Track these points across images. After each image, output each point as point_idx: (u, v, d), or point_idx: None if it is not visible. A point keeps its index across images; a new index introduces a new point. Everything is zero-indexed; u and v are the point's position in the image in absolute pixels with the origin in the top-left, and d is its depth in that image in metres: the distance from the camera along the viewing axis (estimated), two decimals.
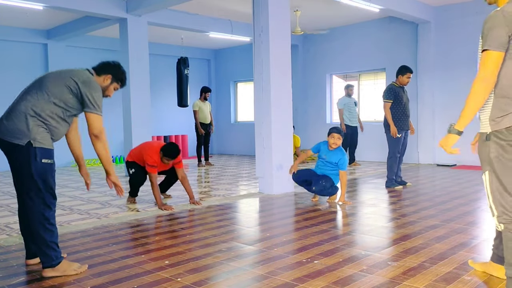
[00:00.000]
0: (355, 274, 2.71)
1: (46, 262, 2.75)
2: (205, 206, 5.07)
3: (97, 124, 2.86)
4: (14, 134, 2.68)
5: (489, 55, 2.17)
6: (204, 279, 2.69)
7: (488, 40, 2.16)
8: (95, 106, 2.83)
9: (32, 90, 2.81)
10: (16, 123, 2.70)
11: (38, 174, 2.69)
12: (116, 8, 7.61)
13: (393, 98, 5.97)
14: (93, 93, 2.82)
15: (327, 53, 10.65)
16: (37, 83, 2.85)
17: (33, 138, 2.67)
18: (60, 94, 2.77)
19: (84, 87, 2.80)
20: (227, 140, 12.92)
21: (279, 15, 5.83)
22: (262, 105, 5.86)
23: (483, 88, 2.17)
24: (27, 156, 2.67)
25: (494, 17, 2.15)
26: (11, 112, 2.77)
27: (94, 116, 2.84)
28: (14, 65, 9.60)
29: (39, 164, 2.68)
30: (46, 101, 2.75)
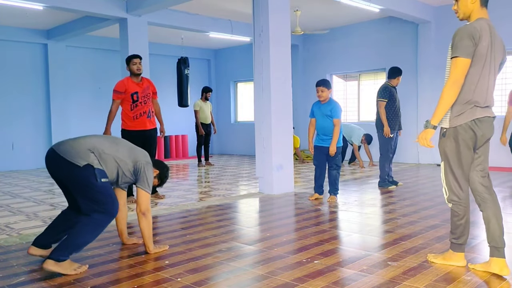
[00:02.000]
0: (355, 274, 2.71)
1: (57, 254, 2.79)
2: (205, 206, 5.08)
3: (146, 202, 3.16)
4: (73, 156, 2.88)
5: (459, 61, 2.53)
6: (204, 279, 2.69)
7: (458, 49, 2.53)
8: (148, 184, 3.14)
9: (101, 138, 3.13)
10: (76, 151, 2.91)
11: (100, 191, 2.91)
12: (116, 8, 7.61)
13: (388, 97, 5.98)
14: (149, 173, 3.16)
15: (327, 53, 10.65)
16: (110, 138, 3.20)
17: (92, 162, 2.90)
18: (124, 162, 3.06)
19: (146, 166, 3.14)
20: (227, 140, 12.92)
21: (279, 15, 5.83)
22: (262, 105, 5.86)
23: (454, 89, 2.54)
24: (88, 175, 2.86)
25: (463, 30, 2.54)
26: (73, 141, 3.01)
27: (145, 194, 3.14)
28: (14, 65, 9.60)
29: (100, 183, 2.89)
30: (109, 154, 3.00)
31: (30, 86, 9.86)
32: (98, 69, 10.78)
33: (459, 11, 2.70)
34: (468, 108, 2.57)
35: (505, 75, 8.19)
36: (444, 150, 2.68)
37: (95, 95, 10.71)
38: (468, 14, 2.66)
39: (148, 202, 3.17)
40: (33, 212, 4.92)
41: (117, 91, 5.19)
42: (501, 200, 5.04)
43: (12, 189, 6.74)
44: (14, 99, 9.60)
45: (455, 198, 2.72)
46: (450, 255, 2.82)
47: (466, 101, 2.58)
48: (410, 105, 9.16)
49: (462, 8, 2.66)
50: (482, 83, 2.58)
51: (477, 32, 2.51)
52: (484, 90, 2.59)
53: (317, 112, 5.18)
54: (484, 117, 2.60)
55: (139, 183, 3.12)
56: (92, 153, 2.92)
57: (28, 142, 9.69)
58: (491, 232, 2.66)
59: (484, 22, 2.57)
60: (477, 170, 2.71)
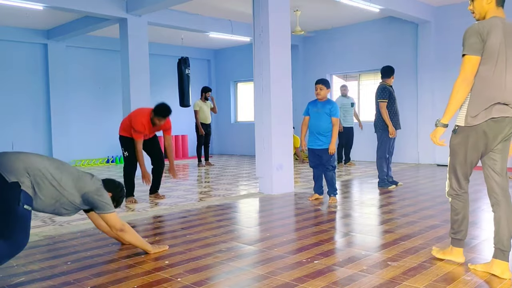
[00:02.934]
0: (355, 274, 2.71)
1: None
2: (205, 206, 5.08)
3: (116, 221, 3.07)
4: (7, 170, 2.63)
5: (467, 59, 2.56)
6: (204, 279, 2.69)
7: (466, 47, 2.56)
8: (107, 206, 3.01)
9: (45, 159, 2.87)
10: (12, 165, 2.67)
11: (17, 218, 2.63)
12: (116, 8, 7.61)
13: (387, 97, 5.98)
14: (105, 198, 3.01)
15: (327, 53, 10.65)
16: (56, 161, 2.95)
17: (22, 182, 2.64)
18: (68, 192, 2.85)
19: (96, 195, 2.96)
20: (227, 140, 12.92)
21: (279, 15, 5.83)
22: (262, 105, 5.86)
23: (464, 87, 2.57)
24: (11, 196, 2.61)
25: (471, 28, 2.56)
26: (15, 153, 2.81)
27: (110, 215, 3.03)
28: (14, 65, 9.60)
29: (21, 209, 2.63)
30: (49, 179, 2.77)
31: (30, 86, 9.86)
32: (98, 69, 10.78)
33: (475, 11, 2.70)
34: (484, 108, 2.55)
35: None
36: (453, 146, 2.73)
37: (95, 95, 10.71)
38: (484, 14, 2.66)
39: (118, 219, 3.07)
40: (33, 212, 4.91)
41: (139, 131, 5.01)
42: None
43: None
44: (14, 99, 9.60)
45: (453, 192, 2.82)
46: (450, 250, 2.89)
47: (483, 99, 2.55)
48: (410, 105, 9.16)
49: (478, 8, 2.67)
50: (498, 80, 2.55)
51: (485, 29, 2.51)
52: (500, 87, 2.54)
53: (313, 110, 5.15)
54: (499, 117, 2.55)
55: (99, 210, 2.98)
56: (27, 174, 2.66)
57: (28, 142, 9.68)
58: (500, 235, 2.62)
59: (497, 19, 2.57)
60: (493, 168, 2.68)
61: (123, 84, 8.09)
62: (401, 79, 8.76)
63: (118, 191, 3.25)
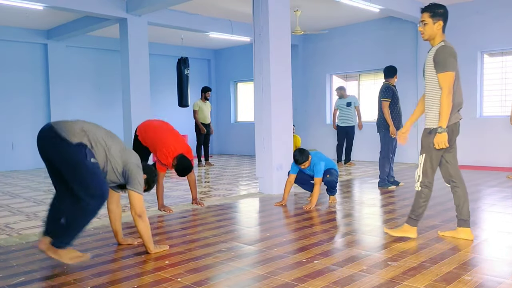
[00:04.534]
0: (355, 274, 2.71)
1: (57, 242, 2.87)
2: (205, 206, 5.07)
3: (141, 204, 3.13)
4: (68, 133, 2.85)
5: (450, 75, 3.17)
6: (204, 279, 2.69)
7: (447, 65, 3.17)
8: (139, 186, 3.10)
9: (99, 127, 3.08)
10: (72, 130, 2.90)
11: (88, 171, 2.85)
12: (116, 8, 7.61)
13: (391, 97, 5.97)
14: (140, 176, 3.13)
15: (327, 53, 10.65)
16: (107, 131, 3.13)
17: (85, 142, 2.87)
18: (114, 160, 3.01)
19: (136, 168, 3.11)
20: (227, 140, 12.92)
21: (279, 15, 5.82)
22: (262, 105, 5.86)
23: (450, 97, 3.18)
24: (78, 153, 2.82)
25: (448, 50, 3.22)
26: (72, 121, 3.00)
27: (138, 196, 3.10)
28: (14, 65, 9.60)
29: (90, 163, 2.85)
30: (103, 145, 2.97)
31: (30, 86, 9.86)
32: (98, 69, 10.78)
33: (425, 33, 3.33)
34: (453, 113, 3.22)
35: (505, 75, 8.18)
36: (429, 145, 3.30)
37: (95, 95, 10.71)
38: (433, 36, 3.32)
39: (143, 203, 3.15)
40: (33, 212, 4.92)
41: (164, 164, 4.59)
42: (501, 200, 5.04)
43: (12, 189, 6.74)
44: (14, 99, 9.60)
45: (427, 183, 3.36)
46: (408, 228, 3.45)
47: (452, 106, 3.20)
48: (410, 105, 9.12)
49: (429, 31, 3.31)
50: (459, 91, 3.27)
51: (455, 51, 3.23)
52: (460, 96, 3.29)
53: (297, 171, 5.03)
54: (458, 120, 3.31)
55: (131, 185, 3.08)
56: (86, 135, 2.89)
57: (28, 142, 9.67)
58: (463, 208, 3.39)
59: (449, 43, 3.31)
60: (452, 160, 3.41)
61: (123, 84, 8.09)
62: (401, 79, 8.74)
63: (153, 175, 3.38)
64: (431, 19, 3.28)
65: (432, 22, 3.28)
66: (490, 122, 8.28)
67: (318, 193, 4.87)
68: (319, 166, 4.86)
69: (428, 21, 3.29)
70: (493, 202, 4.94)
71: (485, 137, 8.28)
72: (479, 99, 8.50)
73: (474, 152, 8.42)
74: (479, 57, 8.43)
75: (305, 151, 4.86)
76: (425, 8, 3.31)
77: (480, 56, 8.44)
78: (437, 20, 3.29)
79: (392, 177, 6.20)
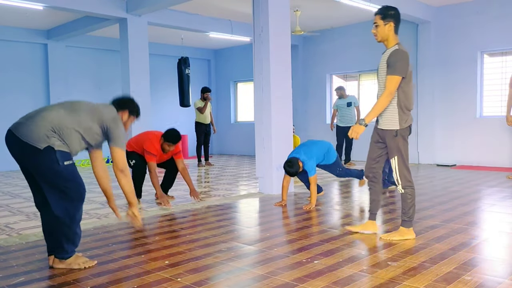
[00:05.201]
0: (355, 274, 2.71)
1: (59, 253, 2.86)
2: (205, 206, 5.07)
3: (123, 159, 3.02)
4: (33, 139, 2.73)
5: (396, 79, 3.27)
6: (204, 279, 2.69)
7: (397, 69, 3.25)
8: (121, 141, 3.00)
9: (60, 110, 2.89)
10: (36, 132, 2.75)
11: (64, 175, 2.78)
12: (116, 8, 7.61)
13: None
14: (120, 128, 3.01)
15: (327, 53, 10.65)
16: (69, 106, 2.95)
17: (52, 144, 2.74)
18: (89, 129, 2.90)
19: (113, 123, 2.97)
20: (227, 140, 12.92)
21: (279, 15, 5.82)
22: (262, 105, 5.86)
23: (389, 99, 3.31)
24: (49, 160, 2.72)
25: (402, 54, 3.30)
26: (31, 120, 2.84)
27: (120, 151, 3.00)
28: (14, 65, 9.60)
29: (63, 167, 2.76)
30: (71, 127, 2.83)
31: (30, 86, 9.86)
32: (98, 69, 10.78)
33: (378, 35, 3.42)
34: (408, 114, 3.38)
35: (505, 75, 8.18)
36: (399, 147, 3.37)
37: (95, 95, 10.69)
38: (385, 38, 3.40)
39: (125, 159, 3.04)
40: (33, 212, 4.92)
41: (152, 153, 4.96)
42: (501, 200, 5.04)
43: (12, 189, 6.74)
44: (14, 99, 9.60)
45: (408, 183, 3.41)
46: (405, 231, 3.45)
47: (407, 109, 3.36)
48: None
49: (381, 33, 3.40)
50: (410, 95, 3.40)
51: (408, 56, 3.33)
52: (410, 100, 3.39)
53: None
54: (411, 122, 3.43)
55: (111, 142, 2.98)
56: (53, 132, 2.76)
57: None
58: (378, 204, 3.63)
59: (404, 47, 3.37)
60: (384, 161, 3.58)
61: (123, 84, 8.09)
62: None
63: (133, 104, 3.29)
64: (382, 21, 3.37)
65: (383, 23, 3.37)
66: (490, 122, 8.28)
67: (315, 192, 4.86)
68: (309, 164, 4.81)
69: (379, 23, 3.38)
70: (493, 202, 4.94)
71: (485, 137, 8.28)
72: (479, 99, 8.50)
73: (474, 152, 8.43)
74: (479, 57, 8.44)
75: (293, 160, 4.77)
76: (377, 10, 3.44)
77: (480, 56, 8.44)
78: (388, 22, 3.37)
79: (392, 177, 6.18)
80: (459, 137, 8.67)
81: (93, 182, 6.78)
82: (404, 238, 3.43)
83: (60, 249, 2.88)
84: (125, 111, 3.20)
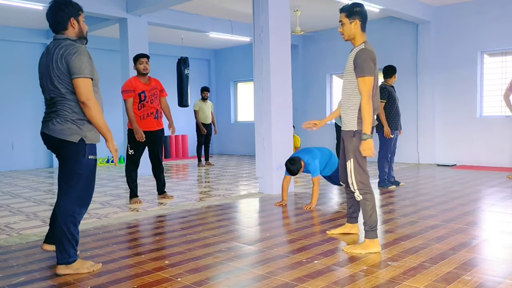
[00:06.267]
0: (355, 274, 2.71)
1: (62, 258, 2.79)
2: (205, 206, 5.07)
3: (84, 89, 2.74)
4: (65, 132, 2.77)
5: (368, 80, 3.12)
6: (204, 279, 2.69)
7: (365, 70, 3.12)
8: (78, 70, 2.74)
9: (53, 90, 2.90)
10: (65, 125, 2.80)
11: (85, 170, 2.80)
12: (116, 8, 7.60)
13: (386, 97, 5.96)
14: (73, 57, 2.76)
15: (327, 53, 10.65)
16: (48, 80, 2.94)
17: (85, 136, 2.79)
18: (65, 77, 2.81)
19: (66, 58, 2.78)
20: (227, 140, 12.92)
21: (279, 15, 5.82)
22: (262, 105, 5.86)
23: (370, 101, 3.13)
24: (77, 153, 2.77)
25: (366, 53, 3.16)
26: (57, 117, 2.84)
27: (79, 81, 2.74)
28: (14, 65, 9.59)
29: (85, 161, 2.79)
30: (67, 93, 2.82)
31: (30, 86, 9.84)
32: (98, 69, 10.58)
33: (345, 34, 3.25)
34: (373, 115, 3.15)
35: (505, 75, 8.18)
36: (354, 149, 3.17)
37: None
38: (352, 36, 3.25)
39: (88, 87, 2.76)
40: (33, 212, 4.92)
41: (126, 90, 5.17)
42: (501, 200, 5.04)
43: (12, 189, 6.74)
44: (14, 99, 9.60)
45: (365, 188, 3.21)
46: (368, 243, 3.14)
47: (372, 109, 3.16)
48: (410, 105, 9.16)
49: (347, 31, 3.23)
50: (377, 96, 3.24)
51: (375, 56, 3.20)
52: (377, 101, 3.26)
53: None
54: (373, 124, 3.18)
55: (71, 76, 2.75)
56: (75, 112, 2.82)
57: (28, 142, 9.69)
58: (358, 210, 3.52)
59: (370, 45, 3.25)
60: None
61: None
62: (401, 79, 8.76)
63: (68, 4, 3.08)
64: (347, 19, 3.21)
65: (349, 21, 3.21)
66: (490, 122, 8.28)
67: (317, 193, 4.86)
68: (313, 165, 4.82)
69: (345, 21, 3.23)
70: (493, 202, 4.94)
71: (485, 137, 8.28)
72: (479, 99, 8.50)
73: (474, 152, 8.43)
74: (479, 57, 8.44)
75: (295, 159, 4.80)
76: (341, 8, 3.26)
77: (480, 56, 8.44)
78: (353, 20, 3.20)
79: (392, 177, 6.20)
80: (459, 137, 8.66)
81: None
82: (367, 251, 3.10)
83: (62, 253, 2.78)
84: (70, 19, 3.05)
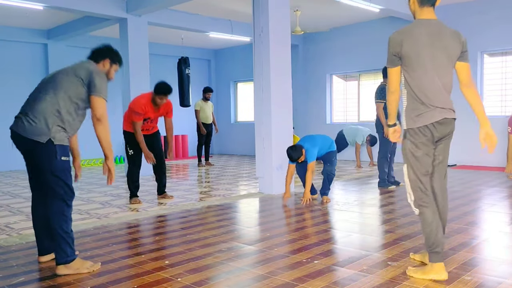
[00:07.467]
0: (355, 274, 2.71)
1: (60, 258, 2.79)
2: (205, 206, 5.07)
3: (100, 107, 2.93)
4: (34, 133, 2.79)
5: (389, 71, 2.71)
6: (204, 279, 2.69)
7: (387, 60, 2.69)
8: (99, 89, 2.91)
9: (48, 90, 2.91)
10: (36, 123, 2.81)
11: (58, 171, 2.79)
12: (116, 8, 7.60)
13: (385, 98, 5.95)
14: (98, 78, 2.93)
15: (327, 53, 10.64)
16: (51, 83, 2.95)
17: (53, 137, 2.78)
18: (75, 88, 2.89)
19: (90, 74, 2.91)
20: (227, 140, 12.91)
21: (279, 15, 5.82)
22: (262, 105, 5.86)
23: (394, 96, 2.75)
24: (48, 154, 2.77)
25: (389, 39, 2.66)
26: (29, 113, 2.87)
27: (98, 99, 2.92)
28: (14, 65, 9.59)
29: (59, 162, 2.79)
30: (63, 99, 2.86)
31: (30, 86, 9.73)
32: None
33: (411, 12, 2.73)
34: (421, 110, 2.60)
35: (505, 75, 8.18)
36: (406, 153, 2.72)
37: None
38: (413, 14, 2.71)
39: (104, 107, 2.95)
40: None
41: (138, 112, 5.00)
42: (501, 200, 5.04)
43: (12, 189, 6.74)
44: (14, 99, 9.58)
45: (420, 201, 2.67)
46: (429, 267, 2.59)
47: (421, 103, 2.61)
48: None
49: (411, 9, 2.71)
50: (429, 84, 2.59)
51: (395, 40, 2.60)
52: (429, 90, 2.59)
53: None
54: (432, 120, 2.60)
55: (90, 92, 2.90)
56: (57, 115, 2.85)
57: None
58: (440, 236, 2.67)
59: (416, 23, 2.61)
60: None
61: (123, 84, 8.09)
62: None
63: (113, 52, 3.17)
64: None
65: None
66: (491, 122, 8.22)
67: (311, 180, 4.94)
68: (312, 151, 4.94)
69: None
70: (493, 202, 4.94)
71: None
72: None
73: (474, 152, 8.42)
74: (479, 57, 8.43)
75: (297, 146, 4.94)
76: None
77: (480, 56, 8.44)
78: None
79: (392, 177, 6.20)
80: (459, 137, 8.60)
81: (93, 182, 6.79)
82: (425, 277, 2.58)
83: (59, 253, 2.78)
84: (106, 60, 3.12)
